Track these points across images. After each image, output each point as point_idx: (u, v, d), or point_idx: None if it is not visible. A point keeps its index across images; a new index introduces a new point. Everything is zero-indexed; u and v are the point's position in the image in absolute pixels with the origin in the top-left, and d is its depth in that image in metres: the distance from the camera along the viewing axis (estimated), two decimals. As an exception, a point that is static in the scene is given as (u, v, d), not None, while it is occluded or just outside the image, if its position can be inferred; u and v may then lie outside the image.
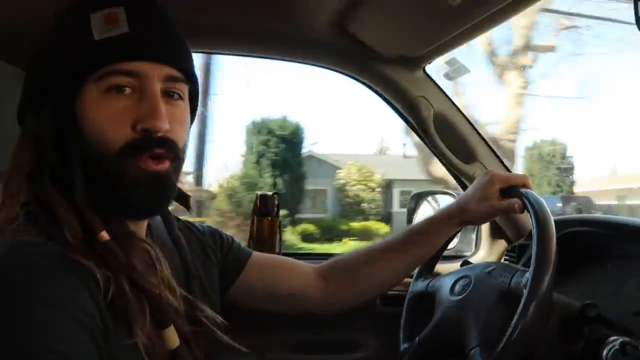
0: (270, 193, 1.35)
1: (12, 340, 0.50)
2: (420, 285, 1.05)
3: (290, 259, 1.00)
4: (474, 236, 1.63)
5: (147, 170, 0.62)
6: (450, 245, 1.45)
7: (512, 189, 0.91)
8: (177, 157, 0.66)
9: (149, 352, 0.59)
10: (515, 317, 0.72)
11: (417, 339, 0.97)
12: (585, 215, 1.05)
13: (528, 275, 0.76)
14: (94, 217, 0.60)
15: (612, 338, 0.72)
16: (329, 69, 1.29)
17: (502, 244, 1.45)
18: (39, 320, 0.51)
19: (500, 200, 0.91)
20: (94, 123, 0.61)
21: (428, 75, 1.27)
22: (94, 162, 0.61)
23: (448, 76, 1.35)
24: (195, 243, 0.86)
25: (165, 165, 0.64)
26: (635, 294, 0.87)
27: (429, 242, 0.98)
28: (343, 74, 1.30)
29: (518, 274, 0.82)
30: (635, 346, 0.70)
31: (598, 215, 1.04)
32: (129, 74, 0.61)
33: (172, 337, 0.62)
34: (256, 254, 0.95)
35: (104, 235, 0.60)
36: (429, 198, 1.60)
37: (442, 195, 1.55)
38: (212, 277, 0.85)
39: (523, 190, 0.88)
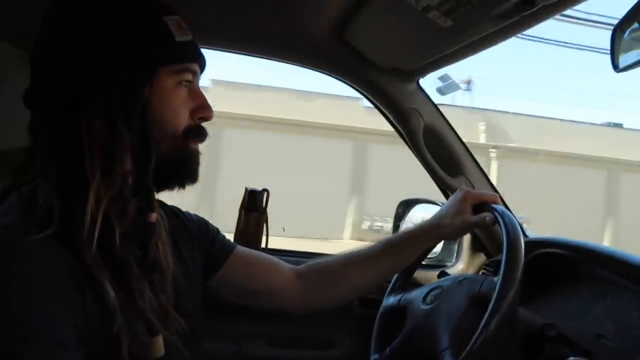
0: (259, 189, 1.37)
1: None
2: (392, 300, 1.07)
3: (271, 257, 1.03)
4: (455, 247, 1.66)
5: (195, 148, 0.77)
6: (432, 255, 1.48)
7: (484, 205, 0.96)
8: None
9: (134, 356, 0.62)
10: (480, 327, 0.75)
11: (387, 348, 0.99)
12: (557, 237, 1.09)
13: (497, 279, 0.78)
14: (152, 195, 0.70)
15: (571, 358, 0.75)
16: (325, 73, 1.32)
17: (481, 257, 1.48)
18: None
19: (472, 215, 0.96)
20: (168, 107, 0.72)
21: (421, 88, 1.29)
22: (157, 142, 0.70)
23: (440, 91, 1.37)
24: (182, 229, 0.88)
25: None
26: (600, 317, 0.90)
27: (403, 254, 1.02)
28: (338, 79, 1.32)
29: (487, 281, 0.85)
30: None
31: (570, 239, 1.07)
32: (191, 71, 0.75)
33: (159, 345, 0.65)
34: (239, 248, 0.98)
35: (153, 216, 0.69)
36: (417, 206, 1.63)
37: (428, 205, 1.58)
38: (196, 264, 0.87)
39: (494, 205, 0.93)
